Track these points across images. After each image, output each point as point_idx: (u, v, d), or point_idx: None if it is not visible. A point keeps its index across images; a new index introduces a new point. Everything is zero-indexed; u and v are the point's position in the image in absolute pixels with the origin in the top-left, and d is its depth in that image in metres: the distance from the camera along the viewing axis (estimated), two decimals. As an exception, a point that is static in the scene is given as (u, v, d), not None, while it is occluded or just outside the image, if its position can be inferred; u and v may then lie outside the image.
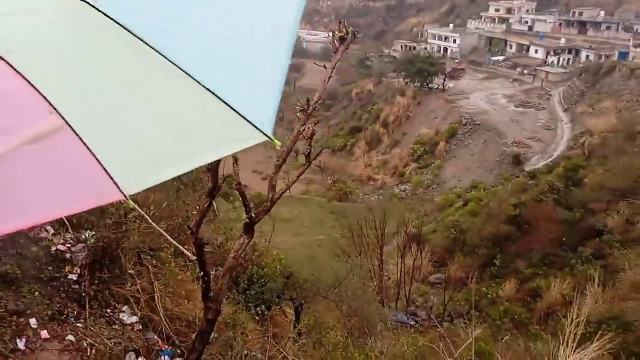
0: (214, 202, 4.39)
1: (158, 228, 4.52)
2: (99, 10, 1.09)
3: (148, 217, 4.52)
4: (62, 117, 1.25)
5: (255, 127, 1.27)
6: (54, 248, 5.96)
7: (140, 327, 5.49)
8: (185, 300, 6.31)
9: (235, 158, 4.54)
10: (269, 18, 1.19)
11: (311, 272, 9.09)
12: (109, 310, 5.84)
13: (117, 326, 5.64)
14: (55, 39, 1.13)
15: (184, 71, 1.17)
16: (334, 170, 41.02)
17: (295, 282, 7.68)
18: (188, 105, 1.26)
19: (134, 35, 1.12)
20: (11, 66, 1.15)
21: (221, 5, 1.12)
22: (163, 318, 5.17)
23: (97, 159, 1.32)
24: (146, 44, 1.14)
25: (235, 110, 1.25)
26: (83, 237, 6.09)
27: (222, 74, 1.22)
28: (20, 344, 4.71)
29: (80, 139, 1.29)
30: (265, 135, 1.30)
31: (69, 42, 1.14)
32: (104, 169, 1.35)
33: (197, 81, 1.18)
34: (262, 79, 1.23)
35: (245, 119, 1.26)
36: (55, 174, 1.33)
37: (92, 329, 5.27)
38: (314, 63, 8.19)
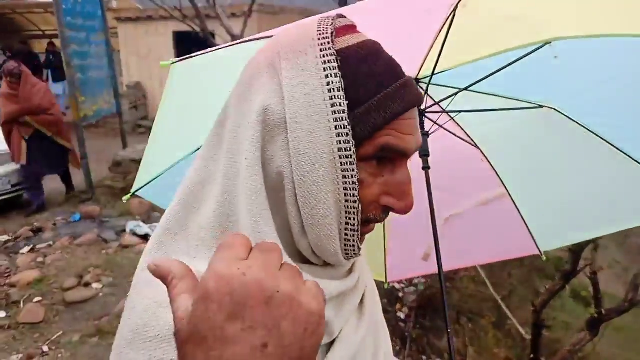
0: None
1: (494, 294, 4.53)
2: (561, 113, 1.42)
3: (487, 281, 4.60)
4: (506, 188, 1.66)
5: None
6: (391, 284, 6.82)
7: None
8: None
9: (596, 249, 4.12)
10: None
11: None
12: (424, 357, 6.18)
13: (428, 375, 5.89)
14: (516, 135, 1.55)
15: (608, 142, 1.39)
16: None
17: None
18: (620, 179, 1.45)
19: (575, 121, 1.41)
20: (482, 153, 1.63)
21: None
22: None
23: (524, 220, 1.68)
24: (583, 127, 1.41)
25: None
26: (415, 281, 6.73)
27: None
28: None
29: (515, 205, 1.67)
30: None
31: (525, 136, 1.55)
32: (528, 228, 1.69)
33: (618, 149, 1.38)
34: None
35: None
36: (492, 229, 1.72)
37: (408, 369, 5.68)
38: None
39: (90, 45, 6.43)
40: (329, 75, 0.53)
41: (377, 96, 0.55)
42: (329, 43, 0.55)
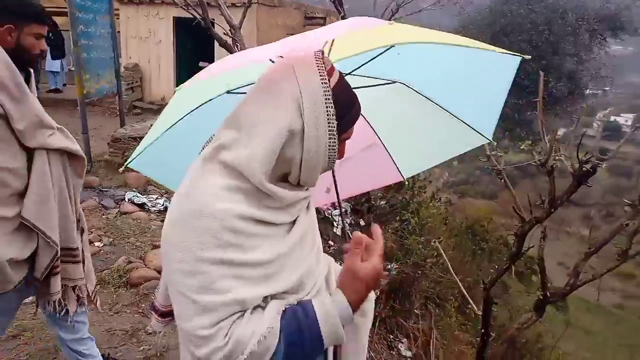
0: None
1: (455, 277, 5.02)
2: (407, 86, 2.12)
3: (450, 266, 5.09)
4: (378, 137, 2.33)
5: (480, 134, 2.13)
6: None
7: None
8: None
9: (544, 238, 4.64)
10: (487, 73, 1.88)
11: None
12: (391, 336, 6.70)
13: (394, 353, 6.42)
14: (383, 101, 2.20)
15: (435, 103, 2.09)
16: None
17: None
18: (434, 122, 2.16)
19: (415, 90, 2.09)
20: (362, 115, 2.19)
21: (453, 67, 1.86)
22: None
23: (392, 158, 2.38)
24: (419, 94, 2.10)
25: (465, 123, 2.11)
26: (389, 266, 7.23)
27: (457, 101, 2.08)
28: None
29: (386, 148, 2.36)
30: (486, 138, 2.14)
31: (387, 102, 2.21)
32: (395, 163, 2.39)
33: (441, 107, 2.09)
34: (484, 101, 2.04)
35: (472, 128, 2.12)
36: (369, 167, 2.38)
37: (376, 345, 6.19)
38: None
39: (96, 27, 6.78)
40: (328, 106, 1.01)
41: (348, 114, 1.08)
42: (327, 86, 1.02)
